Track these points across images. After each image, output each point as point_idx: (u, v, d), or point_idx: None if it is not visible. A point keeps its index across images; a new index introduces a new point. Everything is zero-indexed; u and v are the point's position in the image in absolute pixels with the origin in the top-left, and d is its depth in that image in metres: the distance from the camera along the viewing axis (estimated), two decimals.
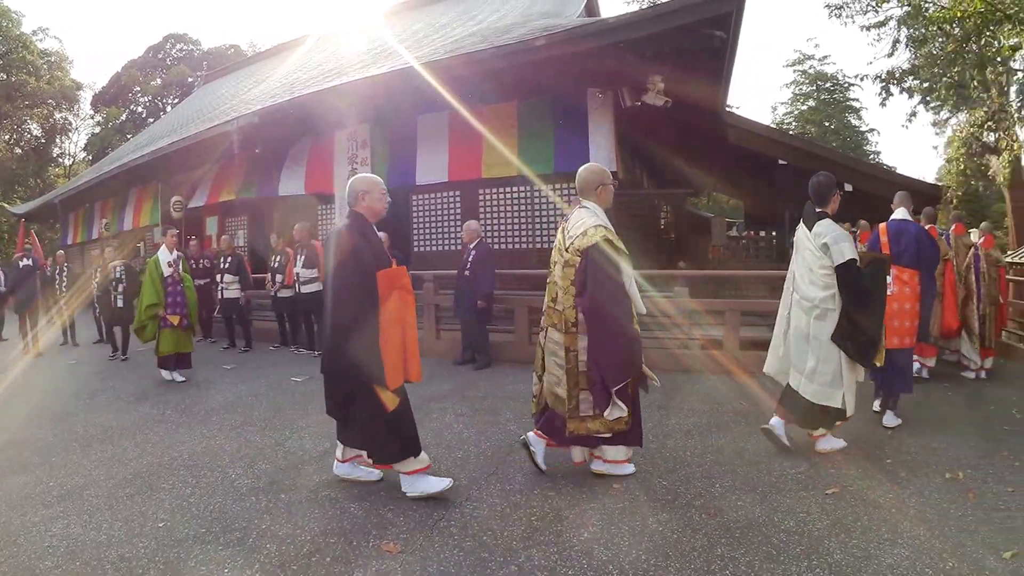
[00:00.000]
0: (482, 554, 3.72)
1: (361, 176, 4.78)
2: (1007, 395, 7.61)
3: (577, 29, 10.39)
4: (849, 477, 4.97)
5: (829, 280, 5.16)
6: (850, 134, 40.36)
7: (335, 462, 4.88)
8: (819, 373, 5.24)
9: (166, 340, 8.74)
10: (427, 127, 13.05)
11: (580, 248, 4.54)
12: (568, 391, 4.61)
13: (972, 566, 3.73)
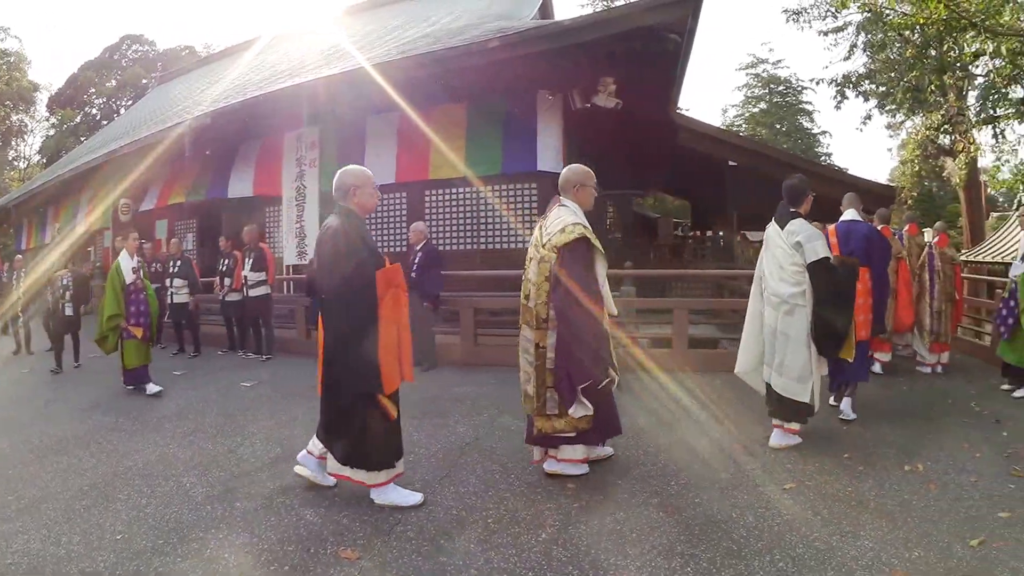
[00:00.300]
0: (440, 558, 3.66)
1: (351, 169, 4.59)
2: (964, 389, 7.72)
3: (532, 31, 10.37)
4: (806, 472, 4.99)
5: (800, 277, 5.27)
6: (801, 136, 40.87)
7: (305, 454, 4.71)
8: (787, 367, 5.34)
9: (131, 352, 8.17)
10: (376, 129, 12.93)
11: (557, 245, 4.52)
12: (536, 388, 4.60)
13: (939, 555, 3.76)
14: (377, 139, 12.85)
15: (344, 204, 4.43)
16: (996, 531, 4.06)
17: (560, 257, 4.50)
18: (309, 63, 14.66)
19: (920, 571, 3.58)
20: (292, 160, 13.76)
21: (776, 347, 5.39)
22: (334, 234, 4.24)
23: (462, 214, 12.73)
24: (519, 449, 5.41)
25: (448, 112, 12.01)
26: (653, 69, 10.84)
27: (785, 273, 5.34)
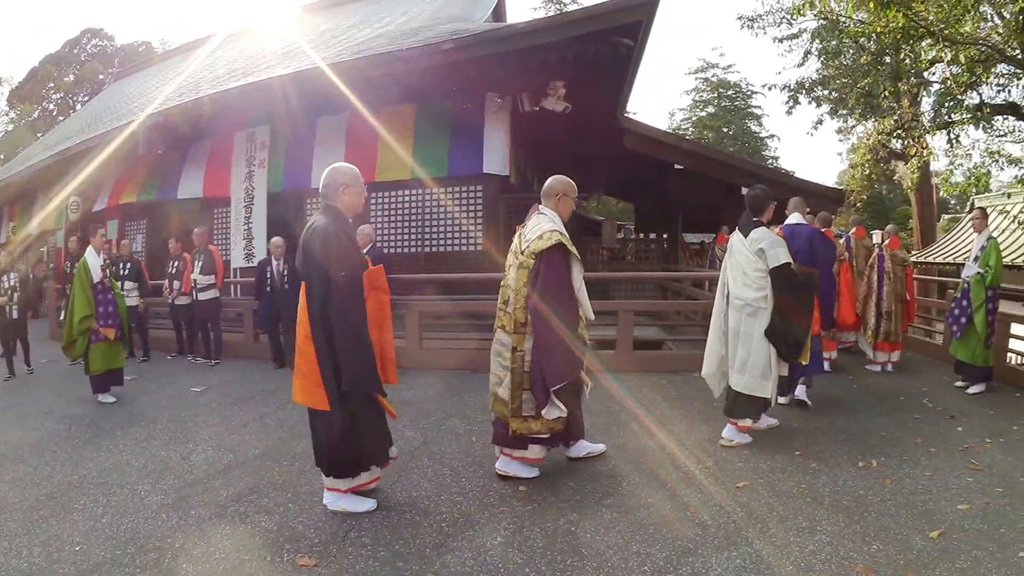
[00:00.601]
0: (397, 563, 3.63)
1: (342, 167, 4.50)
2: (916, 386, 7.85)
3: (487, 33, 10.37)
4: (758, 470, 5.03)
5: (763, 282, 5.48)
6: (749, 140, 41.46)
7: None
8: (751, 366, 5.52)
9: (97, 356, 7.63)
10: (326, 130, 12.82)
11: (535, 251, 4.57)
12: (512, 391, 4.61)
13: (899, 547, 3.81)
14: (326, 140, 12.73)
15: (330, 202, 4.36)
16: (955, 523, 4.13)
17: (538, 263, 4.56)
18: (263, 62, 14.50)
19: (880, 563, 3.62)
20: (242, 160, 13.54)
21: (739, 347, 5.59)
22: (323, 233, 4.13)
23: (408, 217, 12.65)
24: (469, 452, 5.40)
25: (397, 114, 11.95)
26: (604, 73, 10.92)
27: (748, 278, 5.54)
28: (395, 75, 10.76)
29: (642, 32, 9.76)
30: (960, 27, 8.52)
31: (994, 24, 9.64)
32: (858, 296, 8.99)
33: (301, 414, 6.62)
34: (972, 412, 6.70)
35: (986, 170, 10.36)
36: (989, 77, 9.53)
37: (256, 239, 13.07)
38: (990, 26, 9.63)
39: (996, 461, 5.26)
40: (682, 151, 16.32)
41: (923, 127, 11.68)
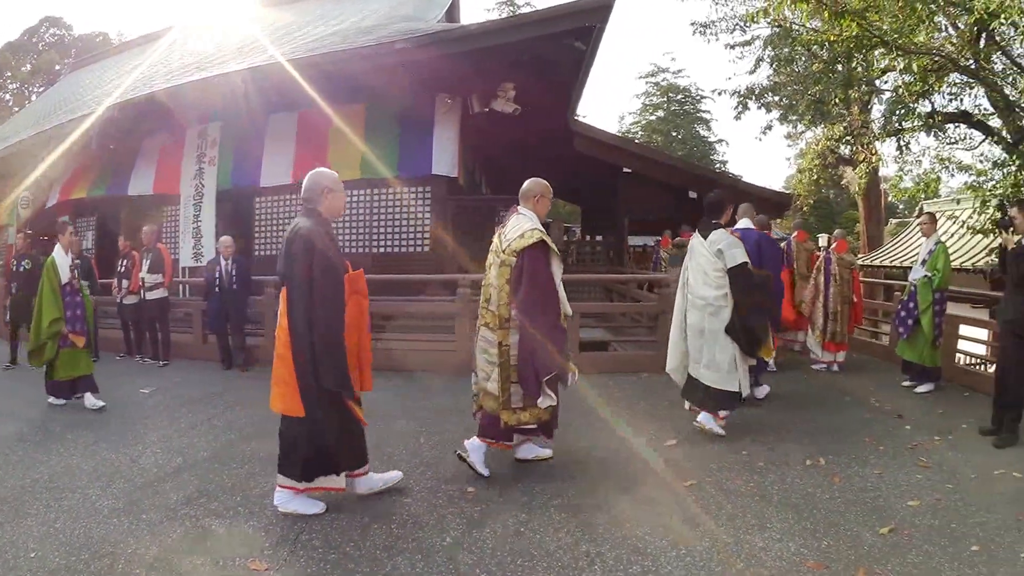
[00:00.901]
0: (348, 566, 3.60)
1: (325, 171, 4.49)
2: (863, 386, 8.02)
3: (441, 34, 10.37)
4: (707, 469, 5.09)
5: (722, 281, 5.77)
6: (698, 144, 41.62)
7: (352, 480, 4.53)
8: (717, 363, 5.79)
9: (65, 363, 7.21)
10: (276, 127, 12.71)
11: (517, 249, 4.71)
12: (501, 384, 4.74)
13: (849, 543, 3.88)
14: (276, 138, 12.62)
15: (313, 206, 4.34)
16: (906, 519, 4.22)
17: (520, 260, 4.70)
18: (218, 57, 14.27)
19: (831, 559, 3.68)
20: (192, 157, 13.31)
21: (704, 345, 5.84)
22: (306, 235, 4.09)
23: (356, 217, 12.57)
24: (416, 454, 5.41)
25: (348, 112, 11.86)
26: (555, 76, 11.03)
27: (709, 278, 5.82)
28: (347, 74, 10.71)
29: (595, 36, 9.84)
30: (914, 37, 8.67)
31: (948, 35, 9.85)
32: (804, 298, 9.24)
33: (249, 416, 6.63)
34: (920, 411, 6.86)
35: (936, 176, 10.54)
36: (942, 86, 9.74)
37: (205, 238, 12.87)
38: (944, 36, 9.84)
39: (946, 458, 5.39)
40: (630, 155, 16.55)
41: (873, 134, 11.88)
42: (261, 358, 9.35)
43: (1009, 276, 5.82)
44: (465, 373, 8.40)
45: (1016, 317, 5.74)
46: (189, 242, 13.17)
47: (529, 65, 10.47)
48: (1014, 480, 4.96)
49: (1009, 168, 9.36)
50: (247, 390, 7.89)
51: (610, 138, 16.55)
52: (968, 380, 8.04)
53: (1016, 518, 4.25)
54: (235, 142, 12.89)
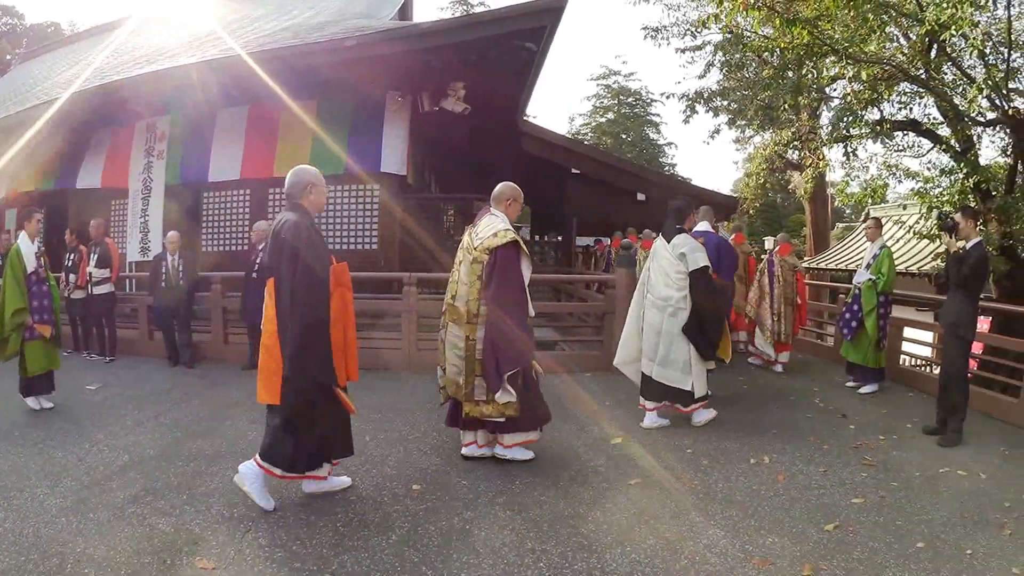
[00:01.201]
0: (295, 564, 3.58)
1: (308, 168, 4.56)
2: (808, 386, 8.18)
3: (391, 32, 10.38)
4: (651, 467, 5.16)
5: (683, 283, 6.01)
6: (647, 146, 42.10)
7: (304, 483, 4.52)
8: (671, 361, 6.02)
9: (36, 356, 6.86)
10: (225, 122, 12.56)
11: (489, 247, 4.87)
12: (466, 377, 4.91)
13: (795, 539, 3.96)
14: (225, 133, 12.47)
15: (297, 201, 4.39)
16: (850, 516, 4.32)
17: (493, 257, 4.86)
18: (169, 50, 14.06)
19: (776, 556, 3.75)
20: (141, 151, 13.07)
21: (661, 344, 6.05)
22: (294, 228, 4.13)
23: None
24: (361, 452, 5.34)
25: (298, 109, 11.70)
26: (505, 76, 11.10)
27: (670, 280, 6.06)
28: (298, 69, 10.62)
29: (545, 37, 9.92)
30: (865, 47, 8.80)
31: (900, 45, 10.03)
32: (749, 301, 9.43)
33: (196, 413, 6.56)
34: (864, 411, 7.01)
35: (883, 182, 10.72)
36: (891, 95, 9.91)
37: (152, 232, 12.65)
38: (895, 46, 10.02)
39: (891, 457, 5.52)
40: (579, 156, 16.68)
41: (821, 140, 12.05)
42: (208, 355, 9.24)
43: (951, 279, 5.98)
44: (411, 370, 8.45)
45: (958, 319, 5.93)
46: (137, 237, 12.94)
47: (480, 65, 10.54)
48: (959, 479, 5.09)
49: (956, 176, 9.59)
50: (194, 387, 7.80)
51: (559, 139, 16.67)
52: (912, 381, 8.23)
53: (961, 516, 4.38)
54: (184, 136, 12.70)
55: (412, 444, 5.67)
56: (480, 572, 3.51)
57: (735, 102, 17.67)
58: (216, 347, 9.45)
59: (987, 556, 3.84)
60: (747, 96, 16.08)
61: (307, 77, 10.87)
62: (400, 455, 5.34)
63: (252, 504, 4.28)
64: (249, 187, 12.73)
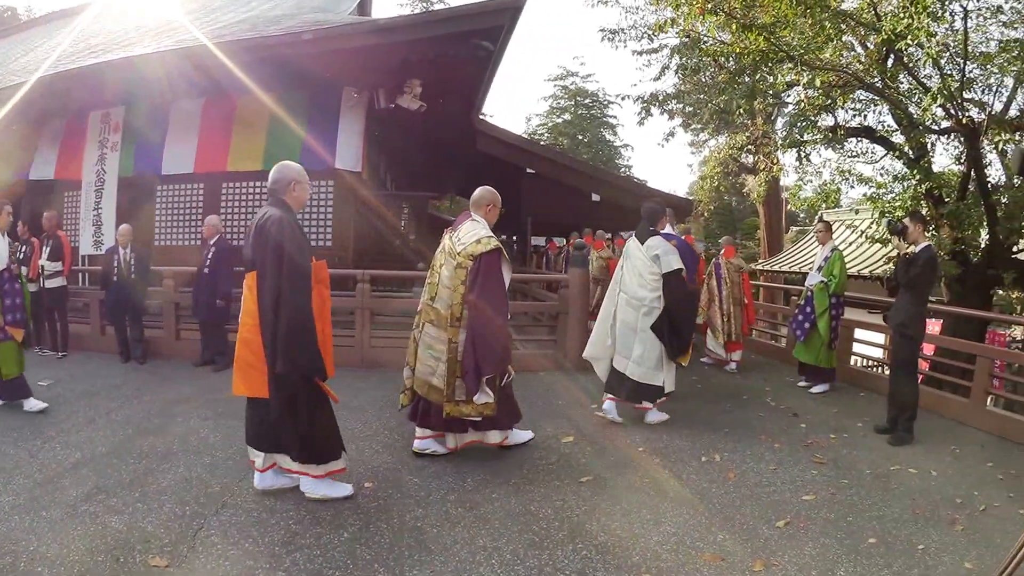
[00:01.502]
0: (247, 562, 3.57)
1: (292, 164, 4.61)
2: (760, 386, 8.34)
3: (348, 27, 10.32)
4: (601, 466, 5.21)
5: (657, 284, 6.20)
6: (603, 148, 42.12)
7: (256, 474, 4.52)
8: (645, 359, 6.20)
9: (9, 357, 6.43)
10: (180, 114, 12.33)
11: (473, 254, 4.99)
12: (447, 379, 5.01)
13: (745, 536, 4.04)
14: (180, 125, 12.25)
15: (280, 197, 4.44)
16: (801, 512, 4.42)
17: (477, 264, 4.98)
18: (125, 39, 13.80)
19: (728, 552, 3.83)
20: (95, 142, 12.74)
21: (636, 342, 6.24)
22: (279, 223, 4.17)
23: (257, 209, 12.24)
24: None
25: (253, 102, 11.57)
26: (462, 75, 11.14)
27: (644, 280, 6.25)
28: (254, 62, 10.43)
29: (503, 36, 9.98)
30: (821, 54, 8.95)
31: (856, 54, 10.21)
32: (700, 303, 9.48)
33: (147, 410, 6.47)
34: (815, 410, 7.15)
35: (836, 187, 10.88)
36: (846, 102, 10.10)
37: (105, 225, 12.35)
38: (852, 55, 10.20)
39: (841, 456, 5.64)
40: (535, 156, 16.75)
41: (775, 144, 12.21)
42: (161, 351, 9.09)
43: (901, 281, 6.16)
44: (364, 367, 8.43)
45: (906, 320, 6.11)
46: (90, 230, 12.66)
47: (437, 62, 10.54)
48: (910, 476, 5.23)
49: (909, 182, 9.83)
50: (145, 383, 7.67)
51: (514, 139, 16.73)
52: (863, 382, 8.43)
53: (913, 512, 4.50)
54: (139, 128, 12.42)
55: (364, 442, 5.66)
56: (432, 570, 3.53)
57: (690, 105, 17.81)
58: (168, 343, 9.29)
59: (939, 551, 3.96)
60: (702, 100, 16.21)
61: (263, 71, 10.72)
62: (352, 453, 5.27)
63: (204, 501, 4.29)
64: (203, 181, 12.51)
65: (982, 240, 10.12)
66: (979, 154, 9.24)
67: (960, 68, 8.83)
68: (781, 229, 24.55)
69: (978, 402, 6.93)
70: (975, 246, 10.09)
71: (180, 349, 9.19)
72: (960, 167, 10.19)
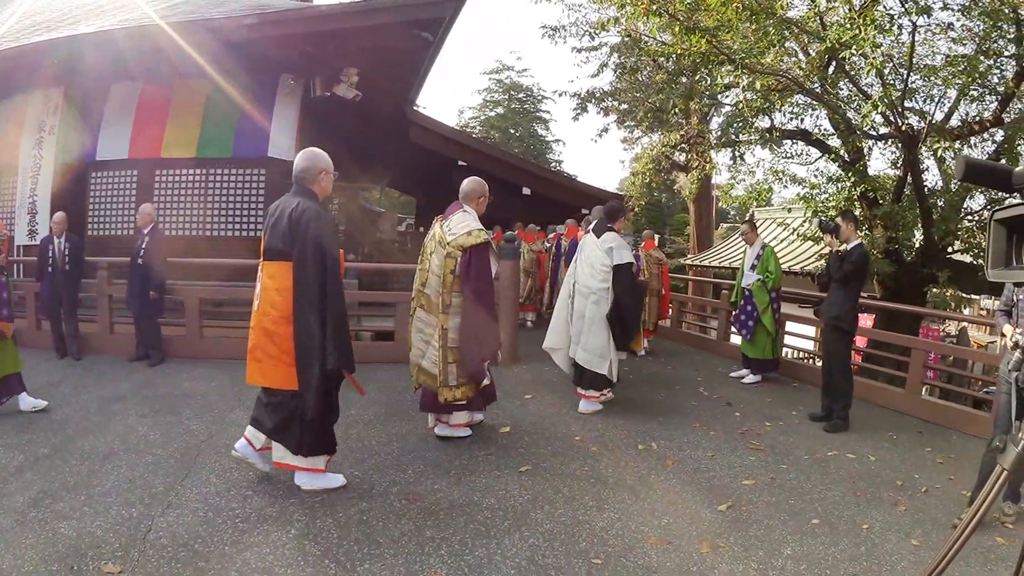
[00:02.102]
0: (199, 563, 3.53)
1: (320, 153, 4.57)
2: (691, 376, 8.59)
3: (291, 11, 10.22)
4: (539, 455, 5.33)
5: (607, 275, 6.49)
6: (535, 142, 42.45)
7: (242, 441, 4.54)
8: (592, 346, 6.49)
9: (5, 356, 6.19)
10: (117, 98, 12.01)
11: (464, 245, 5.28)
12: (441, 365, 5.28)
13: (689, 519, 4.19)
14: (116, 110, 11.94)
15: (308, 186, 4.45)
16: (743, 496, 4.60)
17: (467, 256, 5.26)
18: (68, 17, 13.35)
19: (673, 535, 3.97)
20: (34, 126, 12.26)
21: (583, 328, 6.54)
22: (316, 215, 4.21)
23: (189, 198, 11.97)
24: None
25: (189, 88, 11.40)
26: (399, 65, 11.22)
27: (595, 271, 6.55)
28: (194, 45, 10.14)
29: (444, 27, 10.07)
30: (762, 58, 9.15)
31: (798, 60, 10.48)
32: None
33: (86, 408, 6.36)
34: (748, 400, 7.40)
35: (768, 186, 11.14)
36: (783, 105, 10.40)
37: (40, 214, 11.90)
38: (793, 61, 10.47)
39: (778, 442, 5.87)
40: (467, 148, 16.84)
41: (709, 143, 12.45)
42: (96, 346, 8.86)
43: (834, 276, 6.44)
44: None
45: (840, 314, 6.41)
46: (25, 218, 12.21)
47: (375, 52, 10.57)
48: (848, 461, 5.48)
49: (844, 184, 10.22)
50: (82, 380, 7.49)
51: (448, 131, 16.79)
52: (795, 373, 8.77)
53: (854, 495, 4.73)
54: (76, 111, 12.07)
55: None
56: (383, 563, 3.56)
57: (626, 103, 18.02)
58: (104, 337, 9.04)
59: (884, 530, 4.16)
60: (639, 98, 16.40)
61: (202, 55, 10.45)
62: None
63: (149, 502, 4.24)
64: (137, 168, 12.15)
65: (916, 240, 10.53)
66: (917, 160, 9.63)
67: (904, 79, 9.17)
68: (711, 225, 25.07)
69: (914, 392, 7.26)
70: (909, 246, 10.53)
71: (114, 344, 8.95)
72: (896, 171, 10.58)
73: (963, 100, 9.82)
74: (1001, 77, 9.41)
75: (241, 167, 11.66)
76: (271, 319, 4.25)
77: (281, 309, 4.20)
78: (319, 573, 3.47)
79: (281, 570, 3.48)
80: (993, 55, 8.96)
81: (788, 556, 3.80)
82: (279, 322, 4.21)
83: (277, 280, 4.25)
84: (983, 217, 9.81)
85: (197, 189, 11.84)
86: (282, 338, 4.20)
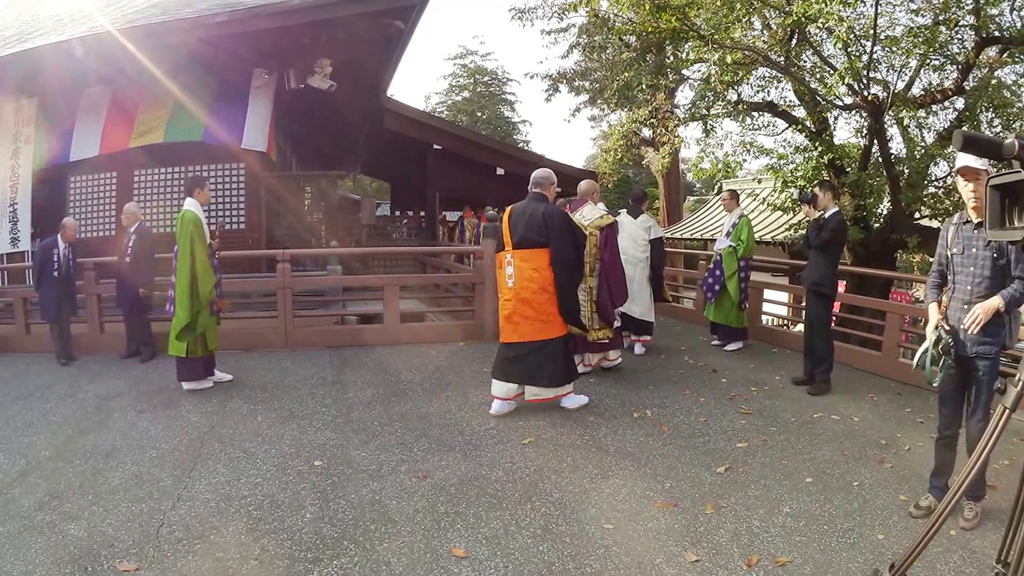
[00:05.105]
0: (216, 555, 3.53)
1: (549, 170, 6.08)
2: (675, 345, 8.68)
3: (261, 7, 10.08)
4: (540, 427, 5.43)
5: (646, 247, 8.03)
6: (502, 124, 43.02)
7: (496, 402, 5.78)
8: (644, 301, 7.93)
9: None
10: (89, 102, 11.79)
11: (600, 226, 6.65)
12: (589, 313, 6.58)
13: (691, 482, 4.34)
14: (88, 113, 11.72)
15: (543, 192, 5.86)
16: (738, 459, 4.76)
17: (603, 233, 6.62)
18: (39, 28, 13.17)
19: (677, 498, 4.12)
20: (9, 136, 12.22)
21: (636, 290, 7.68)
22: (565, 216, 5.83)
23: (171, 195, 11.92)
24: (257, 432, 5.39)
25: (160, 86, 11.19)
26: (371, 54, 11.19)
27: (637, 244, 7.98)
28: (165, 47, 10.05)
29: (415, 15, 10.09)
30: (730, 33, 9.29)
31: (759, 33, 10.60)
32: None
33: (83, 408, 6.33)
34: (733, 367, 7.53)
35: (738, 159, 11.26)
36: (750, 78, 10.53)
37: (21, 222, 11.85)
38: (755, 34, 10.58)
39: (765, 406, 6.02)
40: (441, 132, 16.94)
41: (677, 118, 12.55)
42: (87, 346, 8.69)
43: (812, 244, 6.58)
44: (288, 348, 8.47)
45: (819, 279, 6.55)
46: (6, 227, 12.08)
47: (348, 42, 10.54)
48: (833, 422, 5.64)
49: (811, 153, 10.37)
50: (76, 381, 7.37)
51: (421, 116, 16.88)
52: (774, 339, 8.91)
53: (843, 454, 4.90)
54: (51, 119, 11.84)
55: (303, 421, 5.71)
56: (402, 540, 3.62)
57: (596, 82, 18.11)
58: (92, 337, 8.90)
59: (873, 486, 4.34)
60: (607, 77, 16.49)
61: (174, 55, 10.36)
62: (294, 432, 5.37)
63: (159, 497, 4.24)
64: (115, 170, 12.07)
65: (884, 207, 10.75)
66: (882, 128, 9.78)
67: (868, 50, 9.30)
68: (680, 199, 25.28)
69: (890, 354, 7.42)
70: (876, 213, 10.73)
71: (105, 343, 8.84)
72: (862, 140, 10.75)
73: (924, 69, 10.02)
74: (961, 47, 9.65)
75: (220, 161, 11.67)
76: (529, 291, 5.56)
77: (538, 282, 5.54)
78: (340, 555, 3.50)
79: (302, 554, 3.50)
80: (952, 24, 9.13)
81: (787, 514, 3.95)
82: (538, 293, 5.54)
83: (532, 262, 5.57)
84: (948, 184, 10.03)
85: (177, 186, 11.77)
86: (538, 303, 5.55)
